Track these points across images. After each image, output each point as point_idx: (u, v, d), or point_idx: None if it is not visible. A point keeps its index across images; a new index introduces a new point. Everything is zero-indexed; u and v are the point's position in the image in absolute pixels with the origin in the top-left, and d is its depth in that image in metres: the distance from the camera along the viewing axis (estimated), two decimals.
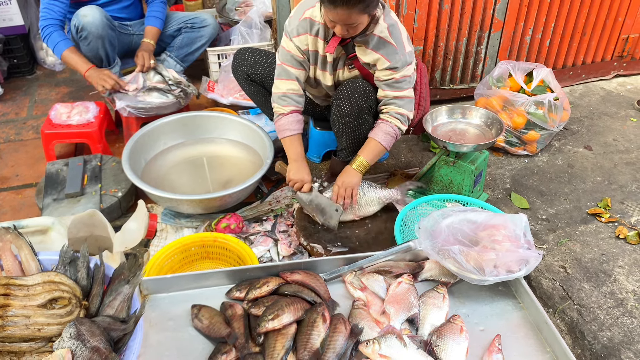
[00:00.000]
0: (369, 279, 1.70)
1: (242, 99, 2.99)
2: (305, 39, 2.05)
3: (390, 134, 2.09)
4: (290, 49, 2.08)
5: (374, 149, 2.11)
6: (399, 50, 2.00)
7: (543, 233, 2.27)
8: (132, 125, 2.72)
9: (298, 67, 2.11)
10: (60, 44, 2.66)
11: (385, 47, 2.00)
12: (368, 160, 2.11)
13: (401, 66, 2.02)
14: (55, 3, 2.66)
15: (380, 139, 2.09)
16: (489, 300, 1.68)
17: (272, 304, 1.55)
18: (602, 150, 2.82)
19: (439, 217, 1.77)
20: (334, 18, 1.84)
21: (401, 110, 2.08)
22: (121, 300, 1.42)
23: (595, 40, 3.26)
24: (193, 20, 3.08)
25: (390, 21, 2.00)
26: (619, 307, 1.92)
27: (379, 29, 1.98)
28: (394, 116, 2.09)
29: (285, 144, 2.16)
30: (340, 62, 2.14)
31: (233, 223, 2.17)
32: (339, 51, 2.09)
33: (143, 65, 2.75)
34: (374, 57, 2.02)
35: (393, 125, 2.09)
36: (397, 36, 2.00)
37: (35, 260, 1.53)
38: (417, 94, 2.24)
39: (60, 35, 2.68)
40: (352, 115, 2.11)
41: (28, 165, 2.74)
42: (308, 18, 2.02)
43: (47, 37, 2.67)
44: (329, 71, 2.14)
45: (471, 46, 3.01)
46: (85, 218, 1.90)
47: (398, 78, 2.03)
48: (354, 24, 1.84)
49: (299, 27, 2.04)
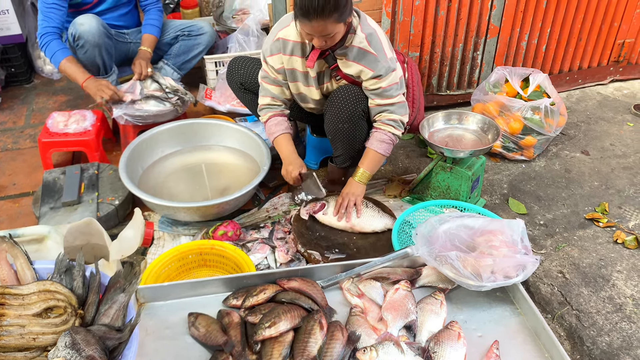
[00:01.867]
0: (366, 285, 1.70)
1: (240, 106, 2.99)
2: (279, 58, 2.12)
3: (385, 141, 2.10)
4: (266, 69, 2.19)
5: (372, 159, 2.13)
6: (380, 58, 2.00)
7: (541, 238, 2.27)
8: (130, 133, 2.73)
9: (274, 84, 2.21)
10: (58, 53, 2.65)
11: (366, 57, 2.00)
12: (369, 171, 2.15)
13: (385, 73, 2.01)
14: (53, 11, 2.66)
15: (376, 148, 2.11)
16: (487, 306, 1.67)
17: (269, 311, 1.54)
18: (599, 155, 2.82)
19: (436, 223, 1.76)
20: (310, 31, 1.85)
21: (393, 116, 2.09)
22: (117, 308, 1.41)
23: (591, 46, 3.27)
24: (190, 28, 3.09)
25: (368, 30, 2.00)
26: (618, 312, 1.91)
27: (357, 39, 1.99)
28: (386, 123, 2.10)
29: (276, 147, 2.28)
30: (326, 76, 2.16)
31: (230, 230, 2.17)
32: (321, 65, 2.11)
33: (140, 74, 2.75)
34: (356, 68, 2.03)
35: (387, 132, 2.09)
36: (376, 44, 2.00)
37: (30, 269, 1.53)
38: (409, 92, 2.25)
39: (58, 45, 2.66)
40: (346, 121, 2.12)
41: (25, 173, 2.74)
42: (281, 39, 2.08)
43: (45, 45, 2.66)
44: (315, 86, 2.16)
45: (467, 52, 3.02)
46: (81, 226, 1.89)
47: (385, 87, 2.03)
48: (331, 34, 1.85)
49: (272, 47, 2.11)
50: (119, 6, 2.94)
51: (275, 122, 2.25)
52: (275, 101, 2.26)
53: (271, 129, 2.25)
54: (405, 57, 2.31)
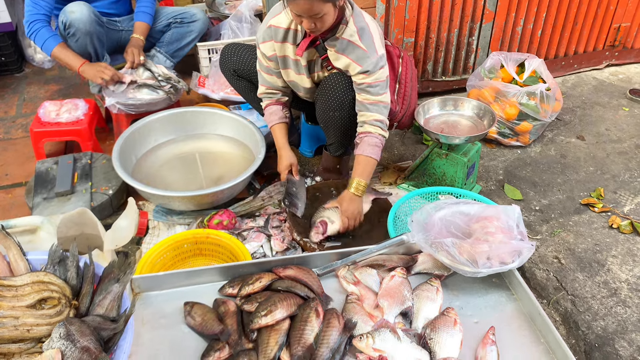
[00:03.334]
0: (362, 273, 1.70)
1: (233, 94, 2.96)
2: (271, 45, 2.11)
3: (376, 145, 2.05)
4: (259, 56, 2.19)
5: (366, 166, 2.06)
6: (370, 54, 1.97)
7: (536, 224, 2.27)
8: (122, 122, 2.70)
9: (267, 72, 2.22)
10: (49, 40, 2.61)
11: (355, 51, 1.98)
12: (365, 180, 2.06)
13: (373, 69, 1.98)
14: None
15: (369, 154, 2.04)
16: (483, 292, 1.68)
17: (265, 300, 1.54)
18: (594, 140, 2.82)
19: (431, 210, 1.76)
20: (298, 10, 1.83)
21: (377, 116, 2.04)
22: (111, 299, 1.40)
23: (587, 30, 3.26)
24: (182, 15, 3.05)
25: (361, 24, 1.98)
26: (613, 296, 1.92)
27: (348, 32, 1.96)
28: (373, 125, 2.04)
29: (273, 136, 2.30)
30: (317, 65, 2.14)
31: (226, 219, 2.16)
32: (312, 54, 2.10)
33: (133, 62, 2.72)
34: (345, 62, 2.01)
35: (377, 135, 2.05)
36: (367, 39, 1.97)
37: (24, 260, 1.51)
38: (402, 88, 2.23)
39: (49, 32, 2.62)
40: (336, 108, 2.11)
41: (17, 164, 2.71)
42: (272, 26, 2.07)
43: (35, 33, 2.61)
44: (306, 74, 2.15)
45: (463, 37, 3.00)
46: (75, 217, 1.88)
47: (371, 82, 2.00)
48: (319, 14, 1.82)
49: (264, 34, 2.11)
50: None
51: (270, 112, 2.27)
52: (270, 89, 2.26)
53: (267, 117, 2.28)
54: (401, 51, 2.28)
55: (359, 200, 2.07)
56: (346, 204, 2.06)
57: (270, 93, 2.27)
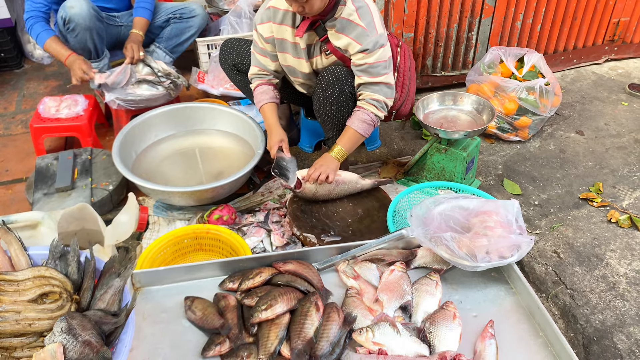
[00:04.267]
0: (361, 267, 1.70)
1: (233, 89, 2.97)
2: (269, 27, 2.13)
3: (366, 121, 2.08)
4: (256, 38, 2.21)
5: (351, 138, 2.11)
6: (370, 32, 1.98)
7: (535, 218, 2.28)
8: (122, 118, 2.70)
9: (261, 53, 2.23)
10: (43, 34, 2.66)
11: (355, 30, 1.99)
12: (346, 149, 2.13)
13: (373, 48, 1.99)
14: None
15: (357, 127, 2.09)
16: (482, 286, 1.68)
17: (265, 294, 1.54)
18: (593, 134, 2.82)
19: (431, 205, 1.76)
20: None
21: (376, 96, 2.06)
22: (112, 293, 1.41)
23: (586, 25, 3.25)
24: (182, 11, 3.05)
25: (360, 3, 2.00)
26: (611, 290, 1.93)
27: (346, 11, 1.98)
28: (369, 102, 2.07)
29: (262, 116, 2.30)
30: (316, 49, 2.14)
31: (226, 214, 2.16)
32: (312, 38, 2.10)
33: (132, 57, 2.72)
34: (345, 41, 2.02)
35: (369, 113, 2.07)
36: (366, 18, 1.99)
37: (25, 255, 1.52)
38: (400, 76, 2.23)
39: (43, 26, 2.68)
40: (333, 103, 2.11)
41: (18, 160, 2.72)
42: (271, 7, 2.10)
43: (30, 28, 2.68)
44: (305, 58, 2.15)
45: (462, 32, 3.00)
46: (75, 212, 1.88)
47: (372, 62, 2.01)
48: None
49: (263, 15, 2.14)
50: None
51: (261, 91, 2.27)
52: (262, 71, 2.27)
53: (257, 97, 2.27)
54: (399, 41, 2.28)
55: (335, 162, 2.14)
56: (322, 160, 2.14)
57: (262, 74, 2.27)
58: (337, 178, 2.15)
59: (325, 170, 2.10)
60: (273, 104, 2.26)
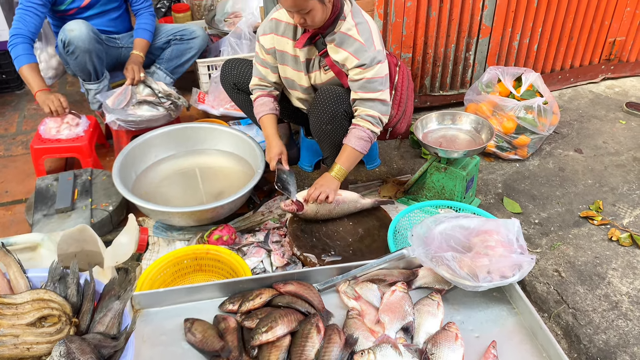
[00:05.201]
0: (362, 288, 1.69)
1: (233, 109, 2.98)
2: (271, 38, 2.17)
3: (363, 138, 2.09)
4: (257, 49, 2.24)
5: (350, 156, 2.13)
6: (368, 47, 2.01)
7: (536, 237, 2.27)
8: (123, 139, 2.71)
9: (262, 64, 2.26)
10: (22, 57, 2.58)
11: (353, 45, 2.01)
12: (345, 168, 2.14)
13: (370, 63, 2.01)
14: (30, 15, 2.60)
15: (354, 145, 2.10)
16: (484, 306, 1.67)
17: (265, 316, 1.53)
18: (592, 153, 2.83)
19: (431, 224, 1.76)
20: (286, 5, 1.91)
21: (371, 112, 2.08)
22: (112, 316, 1.40)
23: (583, 44, 3.29)
24: (182, 32, 3.08)
25: (359, 19, 2.03)
26: (614, 309, 1.92)
27: (346, 26, 2.01)
28: (365, 119, 2.09)
29: (261, 127, 2.33)
30: (315, 63, 2.16)
31: (225, 234, 2.16)
32: (311, 52, 2.13)
33: (133, 79, 2.74)
34: (343, 55, 2.04)
35: (365, 129, 2.09)
36: (365, 34, 2.02)
37: (24, 278, 1.51)
38: (397, 95, 2.25)
39: (25, 49, 2.60)
40: (328, 122, 2.13)
41: (18, 181, 2.72)
42: (274, 19, 2.15)
43: (12, 47, 2.60)
44: (304, 71, 2.17)
45: (460, 52, 3.03)
46: (75, 233, 1.88)
47: (369, 78, 2.03)
48: (305, 9, 1.88)
49: (266, 27, 2.17)
50: (108, 11, 2.92)
51: (260, 103, 2.28)
52: (263, 81, 2.29)
53: (257, 108, 2.29)
54: (398, 60, 2.31)
55: (335, 182, 2.14)
56: (322, 180, 2.15)
57: (262, 85, 2.29)
58: (338, 197, 2.15)
59: (326, 190, 2.10)
60: (272, 116, 2.28)
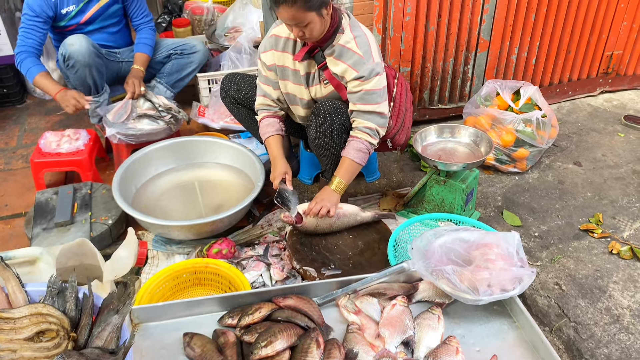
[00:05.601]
0: (362, 302, 1.68)
1: (233, 122, 3.00)
2: (271, 54, 2.19)
3: (362, 150, 2.10)
4: (260, 67, 2.26)
5: (349, 168, 2.13)
6: (366, 60, 2.03)
7: (536, 250, 2.27)
8: (123, 152, 2.72)
9: (265, 82, 2.27)
10: (33, 69, 2.69)
11: (352, 57, 2.03)
12: (345, 180, 2.14)
13: (369, 75, 2.03)
14: (33, 32, 2.69)
15: (353, 157, 2.11)
16: (485, 320, 1.66)
17: (265, 330, 1.52)
18: (591, 165, 2.84)
19: (431, 237, 1.76)
20: (283, 18, 1.93)
21: (369, 124, 2.09)
22: (110, 330, 1.39)
23: (580, 58, 3.31)
24: (183, 47, 3.10)
25: (358, 32, 2.05)
26: (616, 323, 1.91)
27: (344, 39, 2.04)
28: (362, 131, 2.10)
29: (266, 148, 2.33)
30: (315, 77, 2.18)
31: (225, 248, 2.15)
32: (311, 66, 2.14)
33: (133, 92, 2.75)
34: (341, 67, 2.06)
35: (363, 141, 2.10)
36: (364, 46, 2.04)
37: (22, 292, 1.50)
38: (395, 106, 2.27)
39: (33, 62, 2.70)
40: (326, 134, 2.14)
41: (17, 194, 2.72)
42: (273, 35, 2.17)
43: (20, 63, 2.70)
44: (304, 85, 2.19)
45: (458, 66, 3.05)
46: (74, 247, 1.87)
47: (368, 89, 2.04)
48: (303, 22, 1.90)
49: (266, 43, 2.20)
50: (108, 26, 2.95)
51: (266, 123, 2.29)
52: (268, 100, 2.30)
53: (263, 129, 2.30)
54: (397, 72, 2.33)
55: (336, 196, 2.14)
56: (323, 194, 2.14)
57: (268, 105, 2.30)
58: (338, 211, 2.15)
59: (327, 205, 2.10)
60: (278, 137, 2.28)
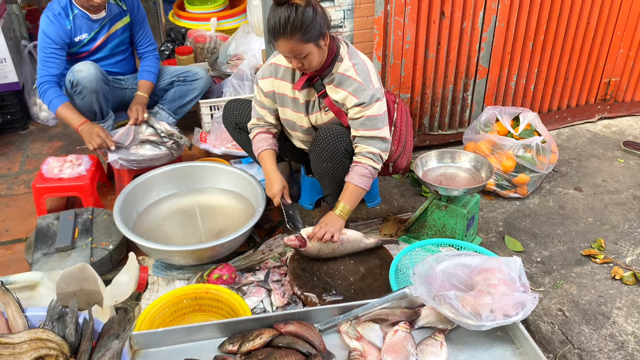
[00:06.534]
0: (364, 328, 1.67)
1: (234, 148, 3.02)
2: (270, 82, 2.22)
3: (365, 175, 2.11)
4: (256, 92, 2.29)
5: (353, 193, 2.13)
6: (366, 86, 2.05)
7: (538, 276, 2.26)
8: (124, 178, 2.73)
9: (260, 106, 2.30)
10: (55, 100, 2.71)
11: (352, 85, 2.06)
12: (349, 205, 2.14)
13: (369, 101, 2.05)
14: (52, 60, 2.73)
15: (357, 182, 2.11)
16: (487, 346, 1.65)
17: (265, 356, 1.51)
18: (592, 191, 2.84)
19: (433, 262, 1.75)
20: (282, 50, 1.96)
21: (371, 149, 2.10)
22: (110, 356, 1.38)
23: (579, 85, 3.35)
24: (185, 74, 3.15)
25: (356, 60, 2.08)
26: (620, 350, 1.89)
27: (343, 67, 2.06)
28: (366, 156, 2.11)
29: (260, 163, 2.34)
30: (315, 105, 2.20)
31: (225, 274, 2.14)
32: (310, 95, 2.17)
33: (136, 119, 2.78)
34: (342, 95, 2.08)
35: (367, 166, 2.11)
36: (363, 73, 2.06)
37: (22, 317, 1.49)
38: (397, 131, 2.29)
39: (56, 92, 2.73)
40: (328, 160, 2.15)
41: (18, 220, 2.72)
42: (273, 64, 2.20)
43: (43, 93, 2.73)
44: (304, 113, 2.21)
45: (457, 93, 3.08)
46: (75, 272, 1.86)
47: (369, 115, 2.06)
48: (302, 54, 1.93)
49: (265, 71, 2.23)
50: (116, 54, 3.00)
51: (259, 139, 2.32)
52: (260, 121, 2.33)
53: (256, 144, 2.32)
54: (396, 97, 2.36)
55: (340, 221, 2.14)
56: (327, 219, 2.14)
57: (261, 124, 2.34)
58: (342, 237, 2.15)
59: (331, 230, 2.10)
60: (271, 151, 2.30)
